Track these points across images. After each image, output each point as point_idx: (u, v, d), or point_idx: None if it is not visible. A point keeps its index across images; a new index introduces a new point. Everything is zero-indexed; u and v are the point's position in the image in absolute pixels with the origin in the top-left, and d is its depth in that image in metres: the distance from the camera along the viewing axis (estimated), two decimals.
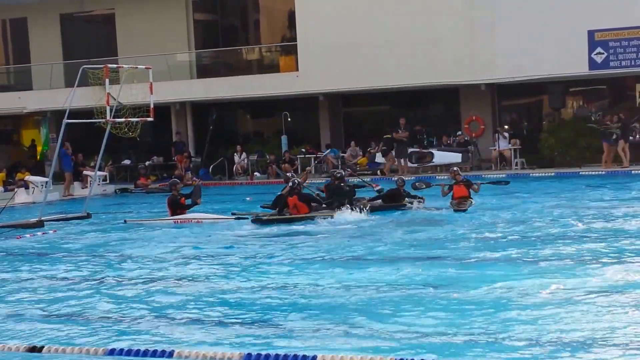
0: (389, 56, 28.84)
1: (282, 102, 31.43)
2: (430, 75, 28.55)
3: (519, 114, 31.57)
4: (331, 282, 11.23)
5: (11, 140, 37.34)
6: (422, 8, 28.66)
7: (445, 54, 28.29)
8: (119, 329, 9.29)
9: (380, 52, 28.91)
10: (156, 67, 24.46)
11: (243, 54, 33.88)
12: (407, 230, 15.86)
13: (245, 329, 9.03)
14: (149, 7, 33.12)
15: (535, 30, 27.34)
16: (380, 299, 10.07)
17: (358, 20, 29.27)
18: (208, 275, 12.27)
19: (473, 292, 10.05)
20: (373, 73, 29.02)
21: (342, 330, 8.72)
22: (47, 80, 33.32)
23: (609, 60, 27.07)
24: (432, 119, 31.60)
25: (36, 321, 9.87)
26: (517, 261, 12.04)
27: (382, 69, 28.90)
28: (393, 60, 28.82)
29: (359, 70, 29.20)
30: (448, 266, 11.85)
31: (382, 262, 12.51)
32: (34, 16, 35.05)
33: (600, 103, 30.46)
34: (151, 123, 22.61)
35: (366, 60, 29.06)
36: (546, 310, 9.03)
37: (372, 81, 29.28)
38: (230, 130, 34.71)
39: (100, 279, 12.31)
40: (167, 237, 16.83)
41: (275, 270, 12.35)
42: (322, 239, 15.25)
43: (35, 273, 13.17)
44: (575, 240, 13.50)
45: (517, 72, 27.90)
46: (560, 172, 26.68)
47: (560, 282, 10.31)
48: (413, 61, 28.65)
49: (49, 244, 16.61)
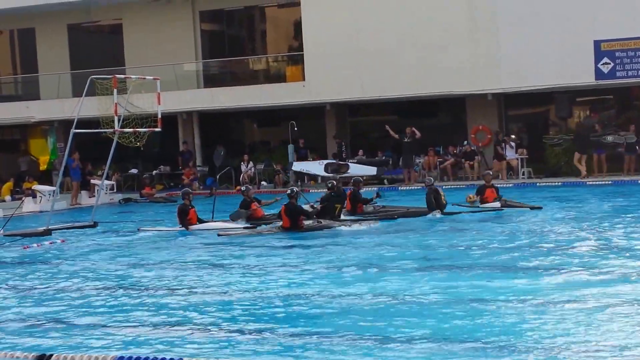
0: (395, 66, 28.89)
1: (289, 111, 31.48)
2: (437, 85, 28.59)
3: (525, 124, 31.55)
4: (337, 290, 11.25)
5: (19, 149, 37.41)
6: (427, 18, 28.71)
7: (451, 63, 28.31)
8: (127, 337, 9.32)
9: (386, 61, 28.95)
10: (163, 76, 24.54)
11: (250, 64, 33.96)
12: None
13: (253, 338, 9.04)
14: (156, 17, 33.24)
15: (541, 41, 27.36)
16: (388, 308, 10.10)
17: (364, 30, 29.33)
18: (217, 283, 12.30)
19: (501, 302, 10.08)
20: (379, 83, 29.07)
21: (356, 339, 8.75)
22: (55, 90, 33.43)
23: (615, 70, 27.08)
24: (438, 128, 31.58)
25: (44, 329, 9.91)
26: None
27: (388, 79, 28.94)
28: (399, 70, 28.87)
29: (365, 80, 29.25)
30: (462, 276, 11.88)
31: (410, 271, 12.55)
32: (42, 26, 35.18)
33: (607, 113, 30.45)
34: (158, 132, 22.69)
35: (372, 69, 29.11)
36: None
37: (379, 91, 29.33)
38: (237, 140, 34.78)
39: (107, 288, 12.35)
40: (177, 245, 16.88)
41: (284, 279, 12.37)
42: (332, 248, 15.29)
43: (43, 281, 13.22)
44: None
45: (523, 82, 27.91)
46: (566, 181, 26.66)
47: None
48: (419, 71, 28.68)
49: (57, 253, 16.64)
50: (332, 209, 18.83)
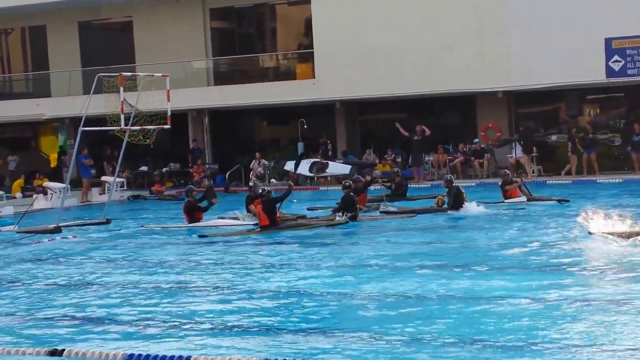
0: (406, 64, 28.86)
1: (299, 109, 31.48)
2: (446, 83, 28.55)
3: (535, 122, 31.48)
4: (347, 289, 11.27)
5: (29, 147, 37.50)
6: (437, 16, 28.67)
7: (460, 61, 28.26)
8: (138, 334, 9.36)
9: (396, 59, 28.92)
10: (173, 74, 24.58)
11: (260, 62, 33.97)
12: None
13: (262, 336, 9.07)
14: (166, 14, 33.28)
15: (551, 38, 27.29)
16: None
17: (374, 27, 29.31)
18: (224, 281, 12.33)
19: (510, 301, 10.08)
20: (389, 80, 29.04)
21: (365, 337, 8.76)
22: (66, 88, 33.52)
23: (626, 67, 26.98)
24: (448, 126, 31.56)
25: (56, 325, 9.95)
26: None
27: (398, 77, 28.91)
28: (409, 68, 28.84)
29: (375, 78, 29.22)
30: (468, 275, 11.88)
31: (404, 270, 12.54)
32: (53, 24, 35.27)
33: (617, 111, 30.37)
34: (168, 130, 22.74)
35: (383, 67, 29.09)
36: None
37: (389, 88, 29.30)
38: (246, 137, 34.81)
39: (120, 284, 12.39)
40: (187, 243, 16.92)
41: (291, 277, 12.39)
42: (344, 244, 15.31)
43: (54, 278, 13.28)
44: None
45: (533, 80, 27.85)
46: (577, 180, 26.61)
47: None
48: (428, 68, 28.65)
49: (68, 249, 16.71)
50: (355, 208, 18.74)
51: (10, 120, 34.57)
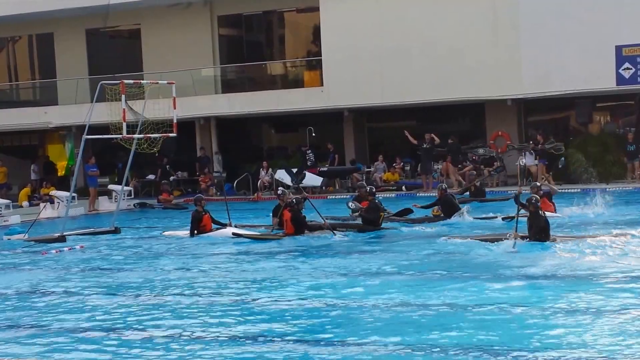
0: (414, 72, 28.73)
1: (307, 117, 31.36)
2: (456, 91, 28.39)
3: (545, 130, 31.27)
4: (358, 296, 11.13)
5: (37, 155, 37.44)
6: (446, 24, 28.54)
7: (470, 69, 28.13)
8: (144, 345, 9.23)
9: (405, 67, 28.80)
10: (181, 82, 24.48)
11: (268, 69, 33.89)
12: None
13: (275, 345, 8.95)
14: (174, 22, 33.24)
15: (562, 46, 27.15)
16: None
17: (383, 35, 29.18)
18: (235, 290, 12.22)
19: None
20: (398, 88, 28.91)
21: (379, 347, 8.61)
22: (73, 96, 33.45)
23: (637, 75, 26.82)
24: (457, 134, 31.37)
25: (60, 336, 9.84)
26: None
27: (406, 85, 28.79)
28: (418, 76, 28.71)
29: (383, 86, 29.09)
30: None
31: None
32: (60, 31, 35.26)
33: (627, 119, 30.19)
34: (176, 138, 22.61)
35: (391, 75, 28.96)
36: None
37: (397, 96, 29.16)
38: (254, 145, 34.69)
39: (127, 294, 12.27)
40: (202, 251, 16.76)
41: (303, 286, 12.26)
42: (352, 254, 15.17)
43: (59, 288, 13.16)
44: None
45: (544, 88, 27.72)
46: (586, 188, 26.36)
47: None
48: (438, 77, 28.51)
49: (75, 260, 16.57)
50: (378, 217, 18.58)
51: (17, 128, 34.54)
